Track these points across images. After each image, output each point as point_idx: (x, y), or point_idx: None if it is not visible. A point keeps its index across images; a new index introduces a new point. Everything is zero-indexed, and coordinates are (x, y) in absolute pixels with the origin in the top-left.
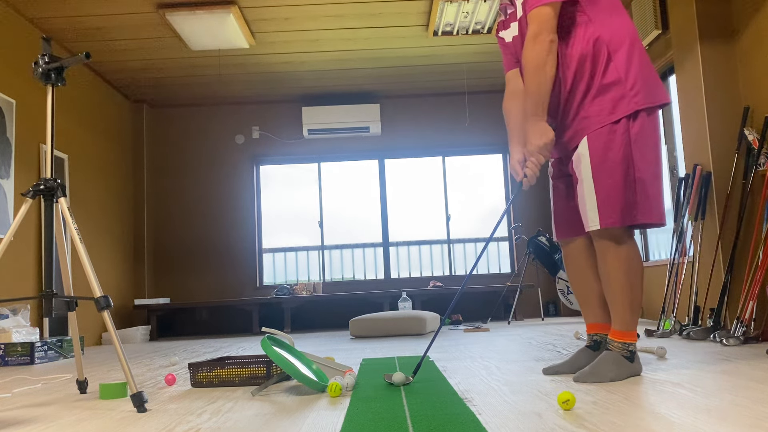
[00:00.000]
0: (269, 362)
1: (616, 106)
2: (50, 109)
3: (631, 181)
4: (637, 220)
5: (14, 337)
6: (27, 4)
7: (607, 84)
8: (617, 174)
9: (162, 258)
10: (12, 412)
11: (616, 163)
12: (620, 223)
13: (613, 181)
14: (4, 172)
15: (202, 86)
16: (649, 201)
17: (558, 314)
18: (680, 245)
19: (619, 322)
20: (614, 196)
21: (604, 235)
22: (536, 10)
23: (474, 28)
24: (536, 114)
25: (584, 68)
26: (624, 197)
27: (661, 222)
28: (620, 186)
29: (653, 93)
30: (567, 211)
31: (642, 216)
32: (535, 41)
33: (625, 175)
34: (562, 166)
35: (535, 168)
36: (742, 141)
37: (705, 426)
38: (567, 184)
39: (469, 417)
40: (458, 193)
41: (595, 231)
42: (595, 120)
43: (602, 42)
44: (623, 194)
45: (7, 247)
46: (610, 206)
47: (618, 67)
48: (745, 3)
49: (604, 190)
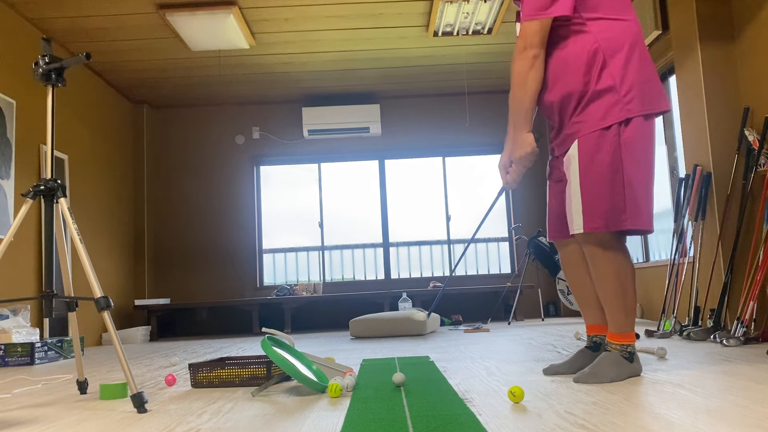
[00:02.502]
0: (269, 363)
1: (609, 112)
2: (50, 109)
3: (618, 186)
4: (624, 225)
5: (14, 337)
6: (27, 5)
7: (600, 90)
8: (604, 178)
9: (162, 258)
10: (12, 413)
11: (603, 166)
12: (604, 227)
13: (599, 185)
14: (4, 172)
15: (202, 87)
16: (637, 207)
17: (558, 315)
18: (680, 246)
19: (615, 325)
20: (600, 200)
21: (590, 240)
22: (524, 25)
23: (474, 28)
24: (519, 125)
25: (578, 75)
26: (610, 202)
27: (648, 229)
28: (606, 190)
29: (650, 100)
30: (560, 212)
31: (630, 222)
32: (519, 56)
33: (612, 180)
34: (558, 167)
35: (516, 175)
36: (743, 141)
37: (705, 426)
38: (561, 186)
39: (469, 417)
40: (458, 193)
41: (580, 235)
42: (587, 125)
43: (598, 49)
44: (609, 199)
45: (7, 247)
46: (594, 210)
47: (613, 74)
48: (745, 3)
49: (590, 193)
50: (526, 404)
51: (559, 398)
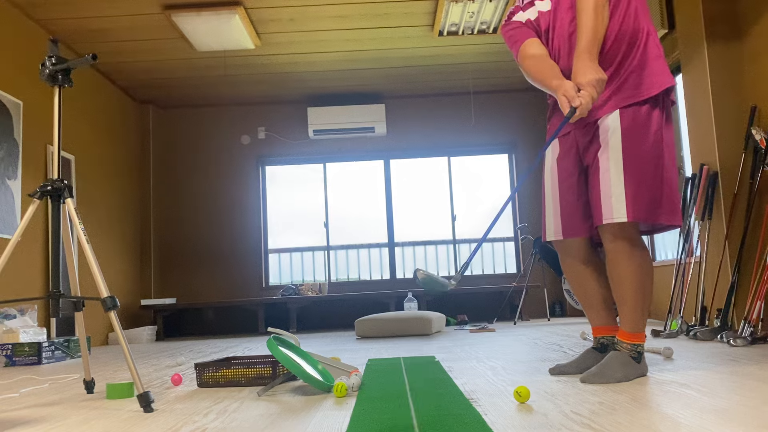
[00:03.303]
0: (275, 362)
1: (660, 79)
2: (57, 110)
3: (660, 170)
4: (659, 219)
5: (22, 337)
6: (34, 6)
7: (648, 57)
8: (650, 159)
9: (168, 258)
10: (19, 412)
11: (649, 146)
12: (645, 218)
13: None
14: (11, 172)
15: (207, 87)
16: (673, 200)
17: (564, 314)
18: (687, 245)
19: (629, 323)
20: (644, 188)
21: (620, 235)
22: None
23: (479, 28)
24: (590, 52)
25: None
26: (652, 191)
27: (679, 224)
28: (652, 173)
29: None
30: (575, 207)
31: (665, 216)
32: None
33: (657, 163)
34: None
35: (590, 99)
36: (749, 140)
37: (712, 427)
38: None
39: (475, 417)
40: (464, 193)
41: (612, 228)
42: (630, 93)
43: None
44: (651, 187)
45: (14, 247)
46: (640, 198)
47: (658, 45)
48: (751, 2)
49: (635, 178)
50: (532, 404)
51: (565, 398)
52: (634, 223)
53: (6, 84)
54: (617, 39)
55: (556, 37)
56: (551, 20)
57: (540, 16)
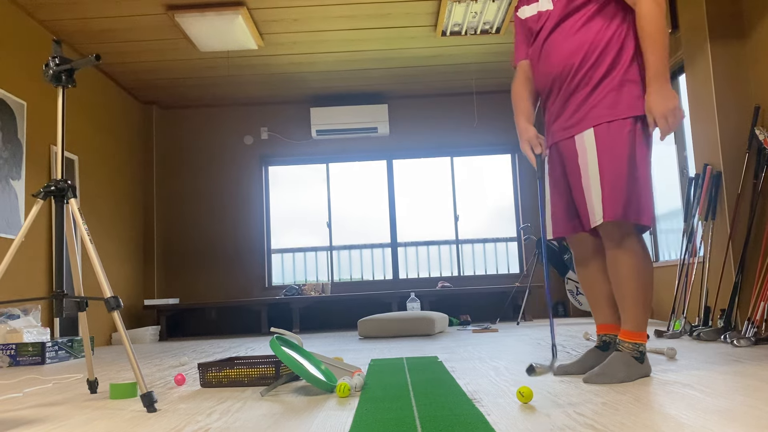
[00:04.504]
0: (278, 362)
1: (634, 104)
2: (61, 110)
3: (633, 178)
4: (639, 219)
5: (25, 337)
6: (38, 7)
7: (628, 80)
8: (623, 168)
9: (171, 258)
10: (23, 412)
11: (623, 157)
12: (623, 216)
13: (619, 173)
14: (15, 173)
15: (211, 87)
16: (647, 202)
17: (567, 315)
18: (690, 245)
19: (630, 322)
20: (619, 189)
21: (613, 235)
22: None
23: (482, 28)
24: (665, 75)
25: (609, 54)
26: (627, 191)
27: (650, 225)
28: (624, 180)
29: None
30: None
31: (642, 216)
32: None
33: (630, 171)
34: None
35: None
36: (753, 140)
37: (715, 427)
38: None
39: (478, 417)
40: (467, 193)
41: (605, 228)
42: (605, 112)
43: (634, 37)
44: (626, 188)
45: (18, 247)
46: (614, 198)
47: (640, 68)
48: (755, 2)
49: (610, 182)
50: (534, 404)
51: (568, 398)
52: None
53: (10, 84)
54: (602, 54)
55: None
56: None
57: (535, 17)
